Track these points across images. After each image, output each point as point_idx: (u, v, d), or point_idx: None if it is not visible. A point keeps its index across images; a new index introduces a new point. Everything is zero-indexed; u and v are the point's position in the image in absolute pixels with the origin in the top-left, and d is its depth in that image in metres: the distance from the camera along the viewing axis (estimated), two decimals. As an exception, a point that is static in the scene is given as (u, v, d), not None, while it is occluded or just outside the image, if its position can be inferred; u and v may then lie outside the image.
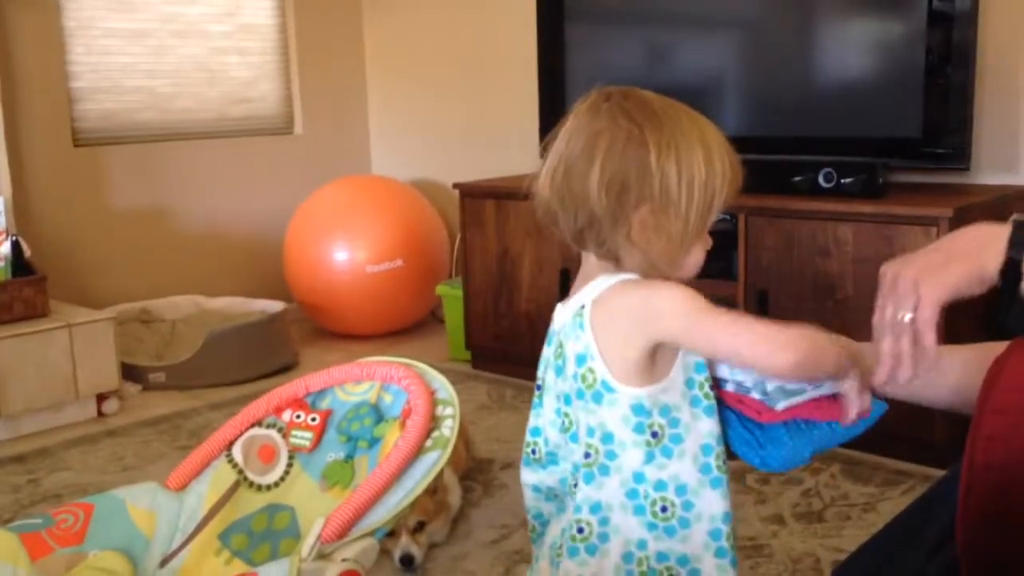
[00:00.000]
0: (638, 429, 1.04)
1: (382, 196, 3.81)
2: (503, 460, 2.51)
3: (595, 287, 1.05)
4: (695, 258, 1.09)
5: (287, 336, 3.49)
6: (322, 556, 1.23)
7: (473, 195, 3.26)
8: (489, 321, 3.27)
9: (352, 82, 4.35)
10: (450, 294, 3.46)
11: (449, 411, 1.36)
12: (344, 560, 1.23)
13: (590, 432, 1.05)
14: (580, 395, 1.05)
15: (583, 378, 1.04)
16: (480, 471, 2.45)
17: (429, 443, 1.34)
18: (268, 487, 1.52)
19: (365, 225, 3.66)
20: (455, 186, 3.31)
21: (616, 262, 1.06)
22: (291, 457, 1.54)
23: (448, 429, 1.31)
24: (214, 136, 3.92)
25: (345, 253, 3.61)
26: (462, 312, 3.34)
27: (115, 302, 3.45)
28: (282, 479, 1.53)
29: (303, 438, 1.50)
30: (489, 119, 3.85)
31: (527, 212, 3.04)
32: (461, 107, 3.97)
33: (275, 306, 3.53)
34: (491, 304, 3.26)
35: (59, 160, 3.46)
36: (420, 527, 2.05)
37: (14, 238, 2.88)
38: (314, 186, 3.86)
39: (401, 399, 1.44)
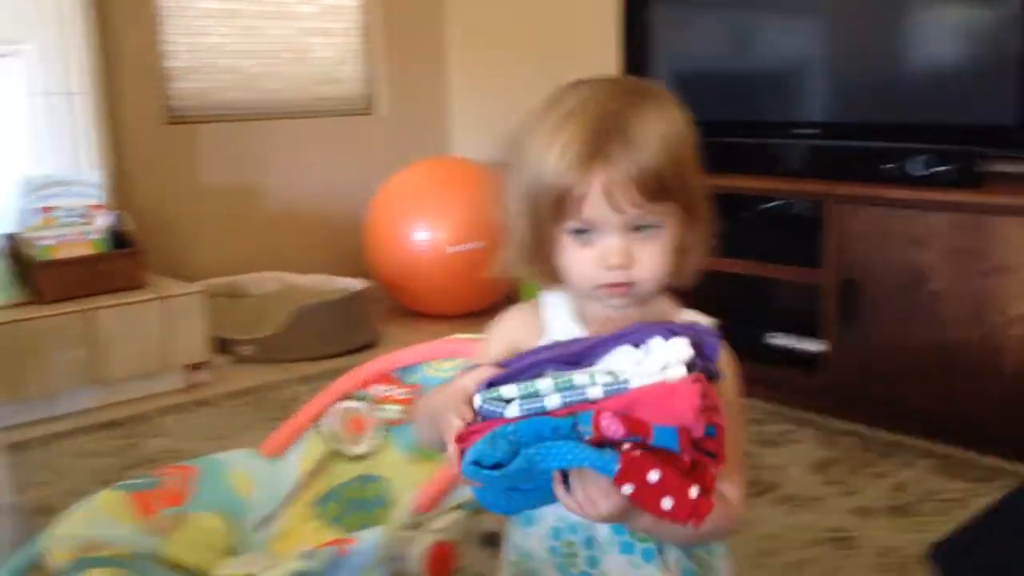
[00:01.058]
0: None
1: (463, 177, 3.84)
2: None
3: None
4: (572, 273, 0.95)
5: (368, 314, 3.56)
6: (414, 526, 1.27)
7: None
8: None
9: (434, 63, 4.39)
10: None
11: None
12: (435, 531, 1.27)
13: None
14: None
15: None
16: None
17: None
18: (359, 458, 1.57)
19: (446, 206, 3.70)
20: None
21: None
22: (381, 429, 1.59)
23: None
24: (299, 116, 4.00)
25: (426, 233, 3.66)
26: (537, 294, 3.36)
27: (205, 276, 3.55)
28: (373, 450, 1.58)
29: (393, 411, 1.55)
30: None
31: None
32: (542, 88, 3.97)
33: (357, 284, 3.59)
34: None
35: (154, 138, 3.58)
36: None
37: (114, 212, 2.99)
38: (396, 166, 3.91)
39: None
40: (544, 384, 0.84)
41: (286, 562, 1.24)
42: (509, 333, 1.02)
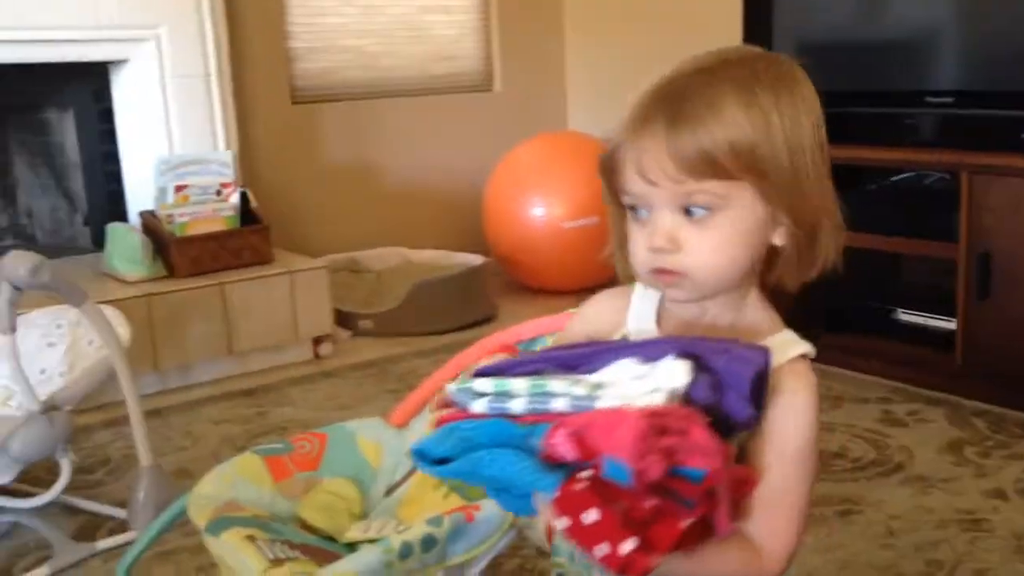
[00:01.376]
0: None
1: (579, 153, 3.83)
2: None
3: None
4: (630, 249, 0.89)
5: (486, 289, 3.59)
6: (540, 493, 1.28)
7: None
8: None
9: (551, 38, 4.38)
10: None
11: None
12: (561, 498, 1.28)
13: None
14: None
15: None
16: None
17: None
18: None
19: (562, 181, 3.70)
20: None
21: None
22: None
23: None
24: (418, 93, 4.05)
25: (542, 209, 3.67)
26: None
27: (327, 252, 3.65)
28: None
29: (519, 382, 1.56)
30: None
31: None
32: (658, 62, 3.93)
33: (475, 259, 3.63)
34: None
35: (279, 117, 3.68)
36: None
37: (242, 190, 3.10)
38: (513, 142, 3.93)
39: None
40: (518, 385, 0.77)
41: (414, 527, 1.28)
42: (594, 315, 0.97)
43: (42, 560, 1.92)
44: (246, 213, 3.10)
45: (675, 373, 0.74)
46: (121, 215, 3.22)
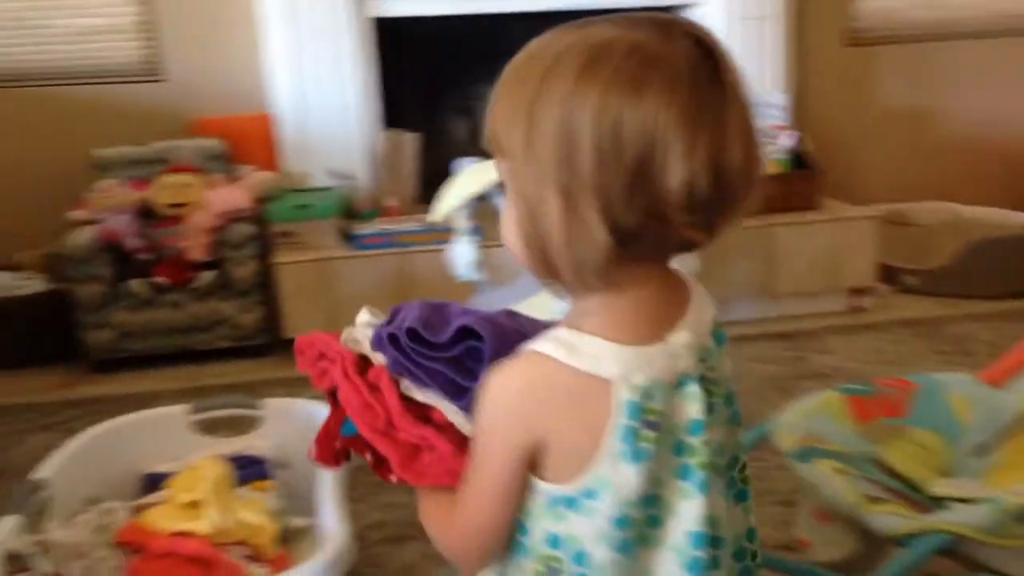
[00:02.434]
0: None
1: None
2: None
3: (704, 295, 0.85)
4: None
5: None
6: None
7: None
8: None
9: None
10: None
11: None
12: None
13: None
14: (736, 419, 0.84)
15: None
16: None
17: None
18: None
19: None
20: None
21: None
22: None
23: None
24: (988, 35, 3.72)
25: None
26: None
27: (872, 201, 3.52)
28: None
29: None
30: None
31: None
32: None
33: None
34: None
35: (833, 60, 3.60)
36: None
37: (796, 133, 3.10)
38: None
39: None
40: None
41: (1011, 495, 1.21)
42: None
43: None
44: (798, 157, 3.09)
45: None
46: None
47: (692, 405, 0.76)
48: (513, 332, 0.82)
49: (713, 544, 0.75)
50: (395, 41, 3.14)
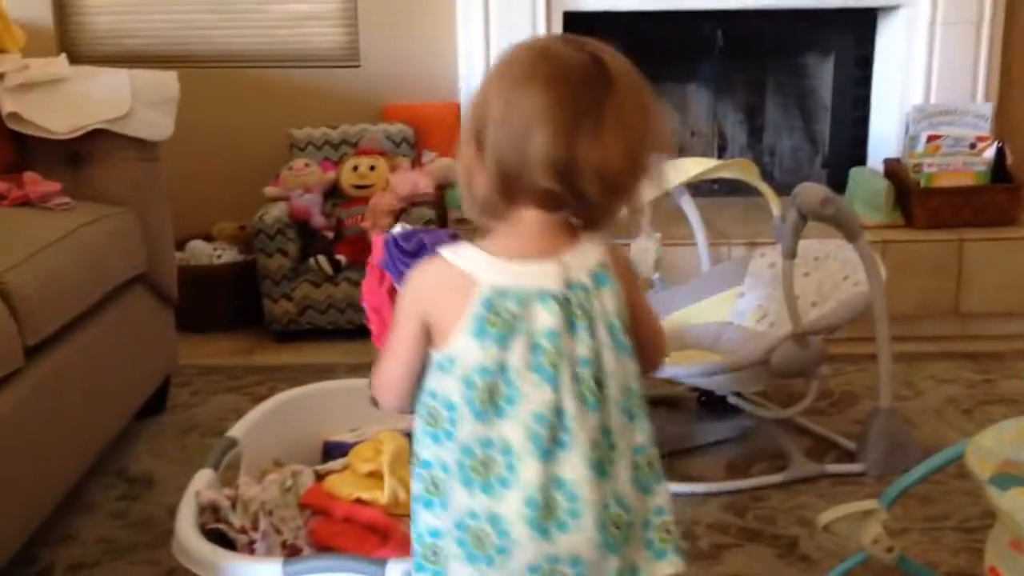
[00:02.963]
0: None
1: None
2: None
3: (593, 244, 1.04)
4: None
5: None
6: None
7: None
8: None
9: None
10: None
11: None
12: None
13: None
14: (623, 348, 1.02)
15: (625, 329, 1.03)
16: None
17: None
18: None
19: None
20: None
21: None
22: None
23: None
24: None
25: None
26: None
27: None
28: None
29: None
30: None
31: None
32: None
33: None
34: None
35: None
36: None
37: (999, 144, 2.93)
38: None
39: None
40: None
41: None
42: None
43: (776, 468, 2.07)
44: (998, 170, 2.93)
45: None
46: (861, 160, 3.27)
47: (547, 316, 0.98)
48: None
49: (554, 428, 0.96)
50: (582, 34, 3.15)
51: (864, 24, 3.25)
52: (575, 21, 3.07)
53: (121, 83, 2.32)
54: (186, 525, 1.32)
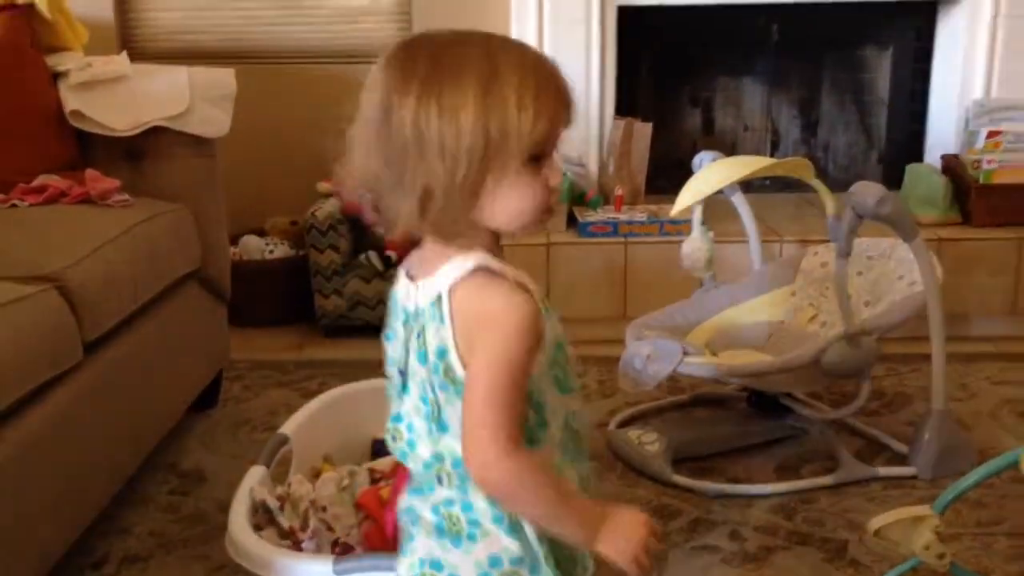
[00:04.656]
0: None
1: None
2: None
3: (453, 270, 0.95)
4: (507, 204, 0.95)
5: None
6: None
7: None
8: None
9: None
10: None
11: None
12: None
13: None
14: (444, 387, 0.96)
15: (445, 371, 0.95)
16: None
17: None
18: None
19: None
20: None
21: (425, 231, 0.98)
22: None
23: None
24: None
25: None
26: None
27: None
28: None
29: None
30: None
31: None
32: None
33: None
34: None
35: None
36: None
37: (1060, 141, 2.86)
38: None
39: None
40: None
41: None
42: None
43: (827, 470, 2.05)
44: (1061, 167, 2.86)
45: None
46: (918, 156, 3.21)
47: (392, 321, 1.02)
48: None
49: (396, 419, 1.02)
50: (635, 28, 3.13)
51: (924, 17, 3.19)
52: (629, 16, 3.06)
53: (180, 80, 2.36)
54: (239, 521, 1.35)
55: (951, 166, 2.97)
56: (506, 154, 0.92)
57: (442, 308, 0.95)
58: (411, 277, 1.00)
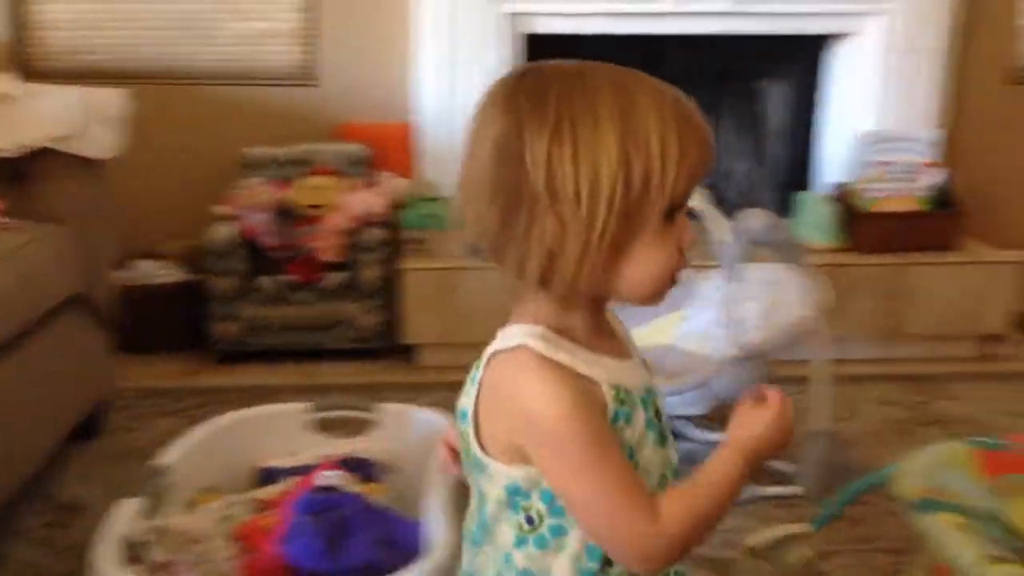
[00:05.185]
0: (513, 507, 0.88)
1: None
2: None
3: (504, 339, 0.86)
4: (641, 269, 0.83)
5: None
6: None
7: None
8: None
9: None
10: None
11: None
12: None
13: (478, 495, 0.93)
14: (466, 453, 0.91)
15: (463, 437, 0.90)
16: None
17: None
18: None
19: None
20: None
21: (536, 287, 0.85)
22: None
23: None
24: None
25: None
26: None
27: (1018, 247, 3.36)
28: None
29: None
30: None
31: None
32: None
33: None
34: None
35: (992, 98, 3.42)
36: None
37: (943, 171, 2.98)
38: None
39: None
40: None
41: None
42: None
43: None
44: (944, 196, 2.98)
45: None
46: (810, 185, 3.31)
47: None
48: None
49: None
50: (543, 57, 3.16)
51: (816, 50, 3.30)
52: (537, 44, 3.09)
53: (70, 101, 2.30)
54: (106, 557, 1.29)
55: (841, 194, 3.07)
56: (647, 207, 0.81)
57: (477, 371, 0.88)
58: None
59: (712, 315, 2.31)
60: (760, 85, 3.50)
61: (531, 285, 0.84)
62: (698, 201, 2.12)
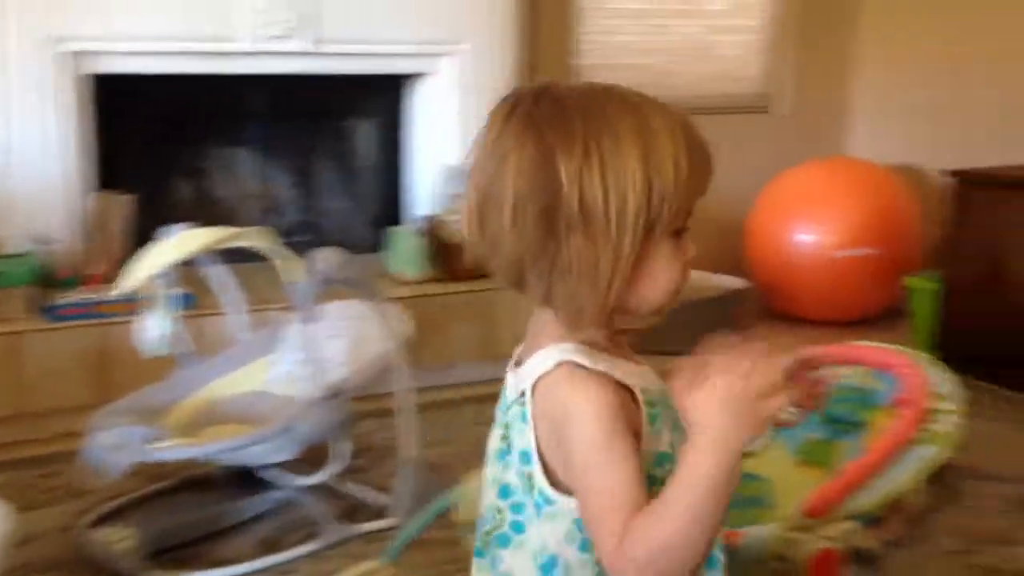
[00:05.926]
0: (583, 547, 0.86)
1: (859, 179, 3.67)
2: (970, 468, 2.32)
3: (539, 364, 0.87)
4: (657, 284, 0.88)
5: (738, 314, 3.51)
6: (804, 529, 1.24)
7: (974, 183, 3.09)
8: (971, 321, 3.05)
9: (839, 63, 4.24)
10: (921, 288, 3.27)
11: (949, 406, 1.30)
12: (825, 538, 1.23)
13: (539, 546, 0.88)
14: (524, 496, 0.90)
15: (528, 479, 0.88)
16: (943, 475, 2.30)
17: (922, 436, 1.29)
18: (746, 455, 1.55)
19: (836, 208, 3.56)
20: (954, 173, 3.16)
21: (556, 310, 0.87)
22: (770, 429, 1.56)
23: (949, 425, 1.26)
24: (697, 112, 3.99)
25: (812, 236, 3.55)
26: (932, 308, 3.16)
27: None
28: (758, 449, 1.56)
29: (789, 412, 1.51)
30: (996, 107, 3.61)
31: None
32: (954, 92, 3.76)
33: (735, 283, 3.56)
34: (975, 303, 3.04)
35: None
36: (877, 522, 1.97)
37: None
38: (784, 166, 3.81)
39: (893, 387, 1.40)
40: None
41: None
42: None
43: (312, 535, 2.06)
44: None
45: None
46: (404, 219, 3.42)
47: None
48: None
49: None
50: (125, 98, 2.98)
51: (399, 89, 3.41)
52: (107, 85, 2.90)
53: None
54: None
55: (429, 227, 3.19)
56: (663, 225, 0.84)
57: (525, 407, 0.86)
58: (517, 362, 0.90)
59: (298, 356, 2.29)
60: (349, 123, 3.57)
61: (563, 310, 0.85)
62: (267, 244, 2.10)
